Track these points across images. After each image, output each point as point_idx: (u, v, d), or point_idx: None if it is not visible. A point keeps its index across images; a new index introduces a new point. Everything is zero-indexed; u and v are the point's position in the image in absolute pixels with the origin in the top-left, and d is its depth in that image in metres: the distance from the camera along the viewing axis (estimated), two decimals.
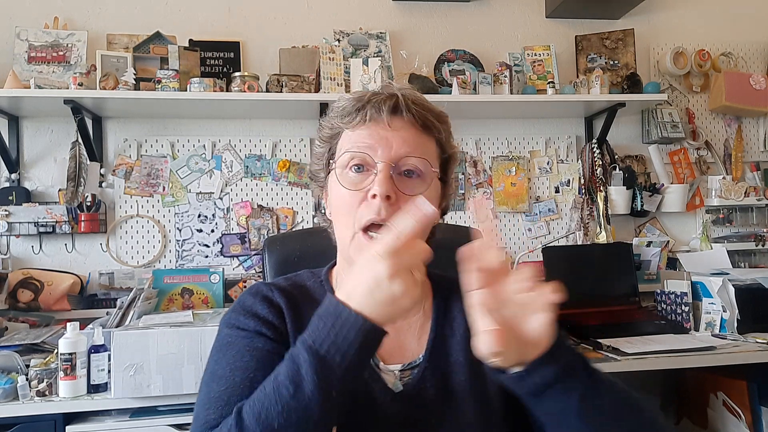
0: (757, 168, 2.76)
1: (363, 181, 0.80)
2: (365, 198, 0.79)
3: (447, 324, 0.90)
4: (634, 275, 2.41)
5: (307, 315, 0.84)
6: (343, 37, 2.49)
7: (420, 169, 0.82)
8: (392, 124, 0.82)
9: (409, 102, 0.82)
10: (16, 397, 1.59)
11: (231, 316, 0.86)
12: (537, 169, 2.62)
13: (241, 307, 0.86)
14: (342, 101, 0.86)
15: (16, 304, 2.13)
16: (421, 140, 0.83)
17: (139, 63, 2.28)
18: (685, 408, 2.35)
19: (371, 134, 0.81)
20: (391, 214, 0.77)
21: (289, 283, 0.92)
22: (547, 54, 2.59)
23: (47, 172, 2.29)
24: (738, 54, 2.78)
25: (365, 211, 0.79)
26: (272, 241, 1.34)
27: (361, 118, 0.82)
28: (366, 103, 0.83)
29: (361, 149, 0.81)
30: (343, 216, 0.82)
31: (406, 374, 0.86)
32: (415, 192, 0.80)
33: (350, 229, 0.81)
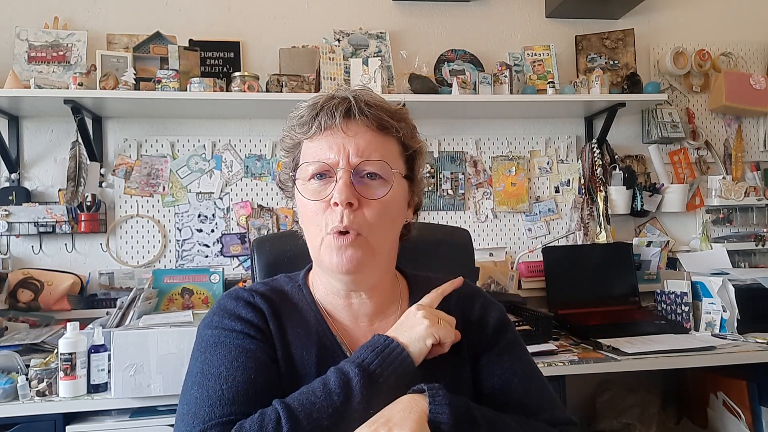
0: (757, 168, 2.76)
1: (325, 190, 0.81)
2: (329, 205, 0.80)
3: None
4: (634, 275, 2.41)
5: (288, 320, 0.86)
6: (343, 37, 2.49)
7: (380, 173, 0.82)
8: (347, 129, 0.82)
9: (362, 104, 0.82)
10: (16, 397, 1.59)
11: (213, 319, 0.86)
12: (537, 169, 2.62)
13: (223, 310, 0.86)
14: (299, 109, 0.86)
15: (16, 304, 2.13)
16: (379, 141, 0.83)
17: (139, 63, 2.28)
18: (685, 408, 2.35)
19: (328, 143, 0.81)
20: (355, 219, 0.79)
21: (267, 288, 0.91)
22: (547, 54, 2.59)
23: (47, 172, 2.29)
24: (738, 54, 2.78)
25: (329, 218, 0.80)
26: (261, 242, 1.29)
27: (316, 126, 0.82)
28: (319, 110, 0.82)
29: (320, 159, 0.81)
30: (310, 224, 0.83)
31: None
32: (377, 195, 0.81)
33: (319, 235, 0.82)
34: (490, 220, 2.57)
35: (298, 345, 0.85)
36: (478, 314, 0.92)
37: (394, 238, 0.89)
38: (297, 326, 0.87)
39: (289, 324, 0.86)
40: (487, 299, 0.95)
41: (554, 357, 1.83)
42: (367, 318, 0.90)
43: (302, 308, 0.89)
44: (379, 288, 0.89)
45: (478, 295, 0.95)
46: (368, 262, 0.82)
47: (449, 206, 2.54)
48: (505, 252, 2.53)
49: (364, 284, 0.86)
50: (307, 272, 0.95)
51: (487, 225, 2.56)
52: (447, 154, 2.55)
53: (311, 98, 0.86)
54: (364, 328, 0.89)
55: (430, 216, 2.52)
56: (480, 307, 0.93)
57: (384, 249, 0.85)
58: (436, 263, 1.02)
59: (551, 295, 2.33)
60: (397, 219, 0.87)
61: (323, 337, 0.86)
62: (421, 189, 0.93)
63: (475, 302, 0.93)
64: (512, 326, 0.95)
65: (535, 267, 2.42)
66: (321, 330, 0.87)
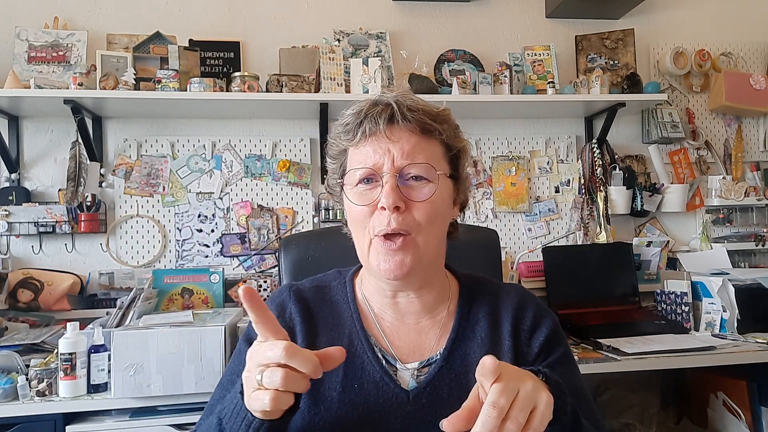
0: (757, 168, 2.76)
1: (371, 194, 0.83)
2: (376, 209, 0.82)
3: (469, 326, 0.91)
4: (634, 275, 2.41)
5: (322, 319, 0.91)
6: (343, 37, 2.49)
7: (425, 175, 0.83)
8: (391, 135, 0.83)
9: (405, 110, 0.83)
10: (16, 397, 1.59)
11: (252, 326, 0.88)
12: (537, 169, 2.62)
13: None
14: (343, 118, 0.87)
15: (16, 304, 2.13)
16: (422, 145, 0.84)
17: (139, 63, 2.28)
18: (685, 408, 2.35)
19: (373, 148, 0.83)
20: (403, 221, 0.81)
21: (313, 285, 0.96)
22: (547, 54, 2.59)
23: (47, 172, 2.29)
24: (738, 54, 2.78)
25: (376, 221, 0.82)
26: (288, 241, 1.33)
27: (361, 134, 0.84)
28: (363, 118, 0.84)
29: (365, 164, 0.83)
30: (358, 227, 0.86)
31: (423, 371, 0.87)
32: (423, 197, 0.82)
33: (366, 237, 0.84)
34: (490, 220, 2.57)
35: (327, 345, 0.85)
36: (531, 322, 0.91)
37: (442, 237, 0.90)
38: (330, 328, 0.90)
39: (322, 326, 0.90)
40: (541, 308, 0.94)
41: None
42: (414, 316, 0.90)
43: (340, 307, 0.92)
44: (427, 287, 0.90)
45: (532, 303, 0.94)
46: (416, 264, 0.83)
47: None
48: (505, 252, 2.53)
49: (411, 285, 0.88)
50: (357, 269, 0.97)
51: (487, 225, 2.56)
52: None
53: (355, 106, 0.87)
54: (411, 326, 0.90)
55: None
56: (533, 315, 0.92)
57: (432, 248, 0.86)
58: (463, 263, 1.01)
59: (551, 295, 2.33)
60: (444, 218, 0.88)
61: (354, 338, 0.88)
62: (467, 187, 0.94)
63: (528, 309, 0.92)
64: (565, 338, 0.93)
65: (535, 267, 2.42)
66: (354, 331, 0.89)
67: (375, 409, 0.83)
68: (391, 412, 0.83)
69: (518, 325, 0.90)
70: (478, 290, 0.94)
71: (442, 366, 0.86)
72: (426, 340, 0.89)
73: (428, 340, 0.89)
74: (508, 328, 0.90)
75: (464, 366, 0.86)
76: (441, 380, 0.85)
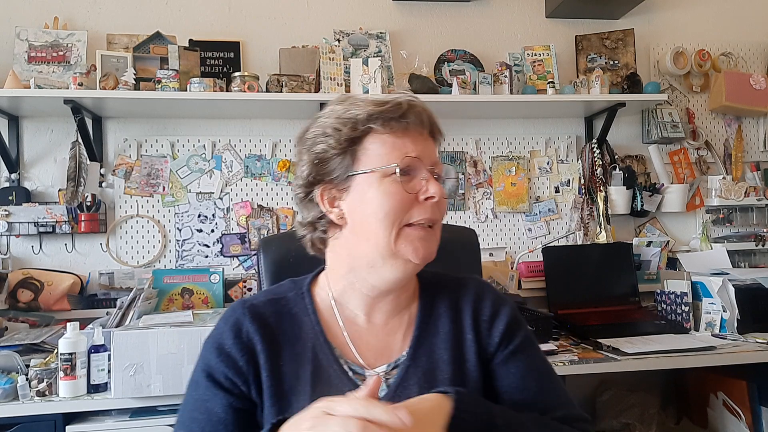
0: (757, 168, 2.76)
1: (409, 184, 0.85)
2: (416, 200, 0.84)
3: (432, 322, 0.92)
4: (634, 275, 2.41)
5: (285, 337, 0.88)
6: (343, 37, 2.49)
7: (443, 176, 0.91)
8: (429, 133, 0.89)
9: (431, 118, 0.89)
10: (16, 397, 1.59)
11: (209, 348, 0.87)
12: (537, 169, 2.62)
13: (217, 342, 0.87)
14: (367, 106, 0.84)
15: (16, 304, 2.13)
16: (436, 151, 0.91)
17: (139, 63, 2.28)
18: (685, 408, 2.35)
19: (415, 140, 0.86)
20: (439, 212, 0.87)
21: (268, 298, 0.92)
22: (547, 54, 2.59)
23: (47, 172, 2.29)
24: (738, 54, 2.78)
25: (419, 211, 0.84)
26: (268, 242, 1.29)
27: (404, 124, 0.85)
28: (407, 110, 0.85)
29: (411, 154, 0.84)
30: (386, 217, 0.82)
31: (391, 374, 0.87)
32: (446, 193, 0.89)
33: (394, 228, 0.83)
34: (490, 220, 2.57)
35: (292, 363, 0.86)
36: (490, 312, 0.92)
37: None
38: (292, 343, 0.87)
39: (284, 341, 0.87)
40: (498, 297, 0.96)
41: (554, 357, 1.83)
42: (384, 315, 0.91)
43: (300, 319, 0.90)
44: (411, 282, 0.92)
45: (490, 293, 0.95)
46: (434, 253, 0.87)
47: (449, 206, 2.54)
48: (505, 252, 2.53)
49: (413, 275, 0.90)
50: (314, 278, 0.95)
51: (487, 225, 2.56)
52: (447, 154, 2.55)
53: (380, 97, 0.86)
54: (379, 327, 0.90)
55: None
56: (492, 305, 0.93)
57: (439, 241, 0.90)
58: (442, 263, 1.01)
59: (551, 295, 2.33)
60: None
61: (318, 351, 0.87)
62: None
63: (486, 300, 0.94)
64: (525, 324, 0.95)
65: (535, 267, 2.42)
66: (317, 344, 0.87)
67: None
68: None
69: (478, 316, 0.92)
70: (437, 285, 0.95)
71: (409, 366, 0.87)
72: (393, 341, 0.90)
73: (395, 341, 0.90)
74: (469, 321, 0.91)
75: (431, 363, 0.88)
76: (409, 380, 0.86)
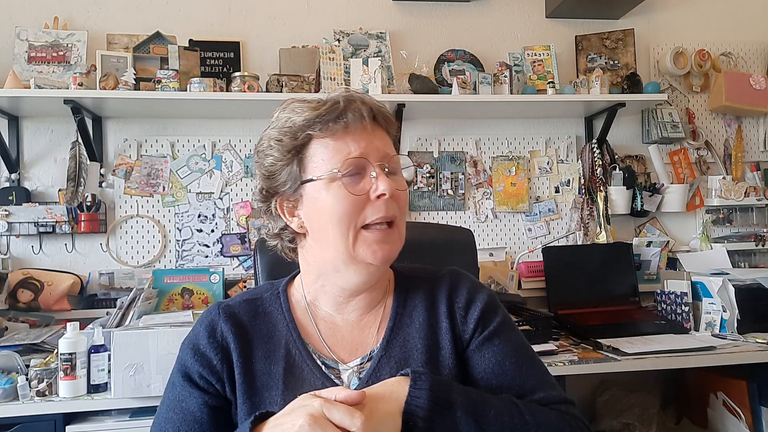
0: (757, 168, 2.76)
1: (359, 184, 0.83)
2: (368, 200, 0.82)
3: (406, 313, 0.92)
4: (634, 275, 2.41)
5: (257, 335, 0.89)
6: (343, 37, 2.49)
7: (399, 167, 0.88)
8: (373, 128, 0.85)
9: (375, 108, 0.86)
10: (16, 397, 1.59)
11: (185, 349, 0.89)
12: (537, 169, 2.62)
13: (192, 342, 0.89)
14: (304, 111, 0.84)
15: (16, 304, 2.13)
16: (389, 140, 0.89)
17: (139, 63, 2.28)
18: (685, 408, 2.35)
19: (356, 139, 0.83)
20: (394, 208, 0.84)
21: (243, 299, 0.94)
22: (547, 54, 2.59)
23: (47, 172, 2.29)
24: (738, 54, 2.78)
25: (372, 211, 0.83)
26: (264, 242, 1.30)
27: (343, 125, 0.83)
28: (344, 109, 0.83)
29: (357, 155, 0.83)
30: (340, 223, 0.83)
31: (365, 366, 0.88)
32: (403, 186, 0.87)
33: (350, 232, 0.83)
34: (490, 220, 2.57)
35: (264, 360, 0.87)
36: (465, 300, 0.92)
37: None
38: (266, 341, 0.89)
39: (257, 339, 0.89)
40: (474, 285, 0.95)
41: (554, 357, 1.83)
42: (358, 312, 0.91)
43: (275, 318, 0.91)
44: (382, 279, 0.92)
45: (466, 282, 0.96)
46: (397, 251, 0.86)
47: (449, 206, 2.54)
48: (505, 252, 2.53)
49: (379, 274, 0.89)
50: (290, 279, 0.97)
51: (487, 225, 2.56)
52: (447, 154, 2.55)
53: (314, 100, 0.86)
54: (353, 324, 0.91)
55: (430, 216, 2.52)
56: (467, 292, 0.93)
57: (404, 236, 0.89)
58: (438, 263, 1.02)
59: (551, 295, 2.33)
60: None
61: (292, 348, 0.88)
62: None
63: (461, 288, 0.94)
64: (502, 309, 0.94)
65: (535, 267, 2.42)
66: (290, 340, 0.88)
67: None
68: None
69: (453, 304, 0.92)
70: (413, 278, 0.95)
71: (381, 356, 0.87)
72: (368, 335, 0.90)
73: (369, 335, 0.90)
74: (444, 309, 0.91)
75: (404, 352, 0.88)
76: (382, 370, 0.86)
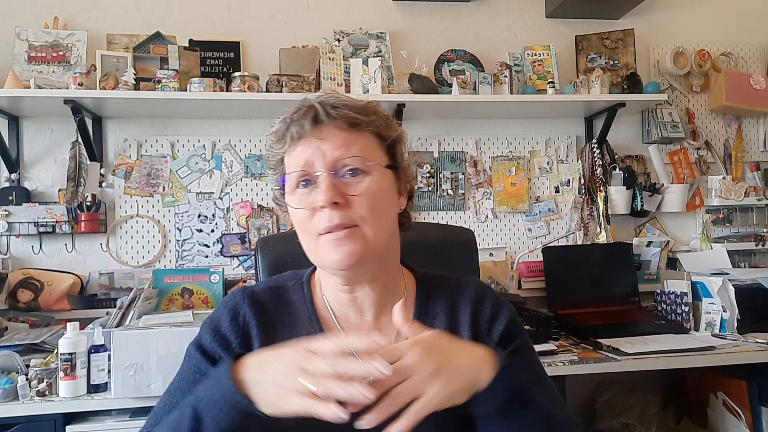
0: (757, 168, 2.76)
1: (310, 196, 0.82)
2: (316, 210, 0.81)
3: (427, 321, 0.91)
4: (634, 275, 2.41)
5: (281, 325, 0.89)
6: (343, 37, 2.49)
7: (359, 167, 0.83)
8: (320, 134, 0.82)
9: (328, 108, 0.83)
10: (16, 397, 1.59)
11: (205, 328, 0.90)
12: (537, 169, 2.62)
13: (214, 323, 0.89)
14: (273, 126, 0.87)
15: (16, 304, 2.13)
16: (352, 139, 0.83)
17: (139, 63, 2.28)
18: (685, 408, 2.35)
19: (304, 150, 0.83)
20: (345, 215, 0.80)
21: (268, 286, 0.94)
22: (547, 54, 2.59)
23: (47, 172, 2.29)
24: (738, 54, 2.78)
25: (318, 221, 0.81)
26: (265, 242, 1.30)
27: (290, 138, 0.84)
28: (290, 123, 0.84)
29: (299, 167, 0.83)
30: (304, 232, 0.85)
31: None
32: (360, 189, 0.82)
33: (312, 239, 0.84)
34: (490, 220, 2.57)
35: None
36: (490, 312, 0.92)
37: (391, 227, 0.89)
38: (288, 331, 0.88)
39: (280, 328, 0.89)
40: (499, 299, 0.95)
41: (554, 357, 1.83)
42: (372, 311, 0.90)
43: (297, 308, 0.91)
44: (381, 280, 0.89)
45: (491, 295, 0.95)
46: (366, 253, 0.82)
47: (449, 206, 2.54)
48: (505, 252, 2.53)
49: (365, 276, 0.87)
50: (313, 270, 0.96)
51: (487, 225, 2.56)
52: (447, 154, 2.55)
53: (283, 113, 0.87)
54: (370, 323, 0.90)
55: (430, 216, 2.52)
56: (492, 306, 0.93)
57: (382, 239, 0.85)
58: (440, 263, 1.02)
59: (551, 295, 2.33)
60: (389, 209, 0.88)
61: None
62: (409, 175, 0.93)
63: (487, 301, 0.93)
64: (523, 328, 0.95)
65: (535, 267, 2.42)
66: (312, 332, 0.88)
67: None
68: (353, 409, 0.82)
69: (477, 316, 0.91)
70: (435, 285, 0.95)
71: None
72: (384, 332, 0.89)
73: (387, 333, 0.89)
74: (467, 319, 0.90)
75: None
76: None
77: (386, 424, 0.66)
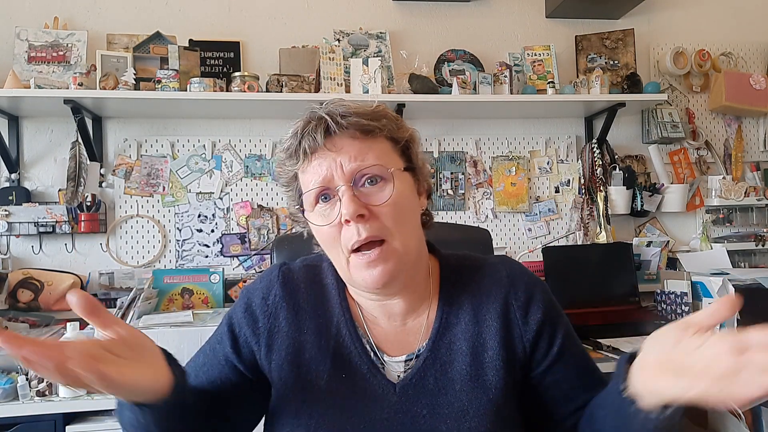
0: (757, 168, 2.76)
1: (332, 211, 0.81)
2: (342, 225, 0.80)
3: (453, 312, 0.89)
4: (634, 275, 2.41)
5: (310, 301, 0.90)
6: (343, 37, 2.49)
7: (379, 174, 0.81)
8: (333, 146, 0.81)
9: (338, 117, 0.81)
10: (16, 397, 1.59)
11: (242, 297, 0.93)
12: (537, 169, 2.62)
13: (249, 295, 0.92)
14: (284, 143, 0.86)
15: (16, 304, 2.13)
16: (367, 146, 0.82)
17: (139, 63, 2.28)
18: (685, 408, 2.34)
19: (320, 164, 0.81)
20: (372, 228, 0.79)
21: (305, 264, 0.95)
22: (547, 54, 2.59)
23: (47, 172, 2.29)
24: (738, 54, 2.78)
25: (346, 237, 0.80)
26: (281, 241, 1.32)
27: (303, 154, 0.82)
28: (301, 138, 0.82)
29: (317, 184, 0.81)
30: (332, 249, 0.84)
31: (409, 364, 0.87)
32: (384, 199, 0.80)
33: (342, 257, 0.82)
34: (490, 220, 2.57)
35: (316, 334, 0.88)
36: (524, 300, 0.89)
37: (418, 233, 0.88)
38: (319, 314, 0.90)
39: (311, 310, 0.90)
40: (531, 280, 0.92)
41: None
42: (400, 317, 0.89)
43: (329, 293, 0.91)
44: (411, 286, 0.88)
45: (521, 275, 0.92)
46: (400, 269, 0.82)
47: (449, 206, 2.54)
48: (505, 252, 2.53)
49: (397, 287, 0.86)
50: None
51: (487, 225, 2.56)
52: (447, 154, 2.55)
53: (291, 129, 0.85)
54: (397, 327, 0.90)
55: None
56: (525, 288, 0.90)
57: (413, 248, 0.84)
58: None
59: None
60: (414, 213, 0.87)
61: (342, 327, 0.88)
62: (426, 173, 0.92)
63: (518, 284, 0.90)
64: (560, 308, 0.93)
65: (535, 267, 2.41)
66: (341, 320, 0.89)
67: (361, 399, 0.83)
68: (378, 403, 0.83)
69: (508, 302, 0.89)
70: (460, 269, 0.92)
71: (427, 357, 0.86)
72: (412, 330, 0.89)
73: (414, 331, 0.89)
74: (497, 307, 0.88)
75: (450, 355, 0.86)
76: (427, 371, 0.85)
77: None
